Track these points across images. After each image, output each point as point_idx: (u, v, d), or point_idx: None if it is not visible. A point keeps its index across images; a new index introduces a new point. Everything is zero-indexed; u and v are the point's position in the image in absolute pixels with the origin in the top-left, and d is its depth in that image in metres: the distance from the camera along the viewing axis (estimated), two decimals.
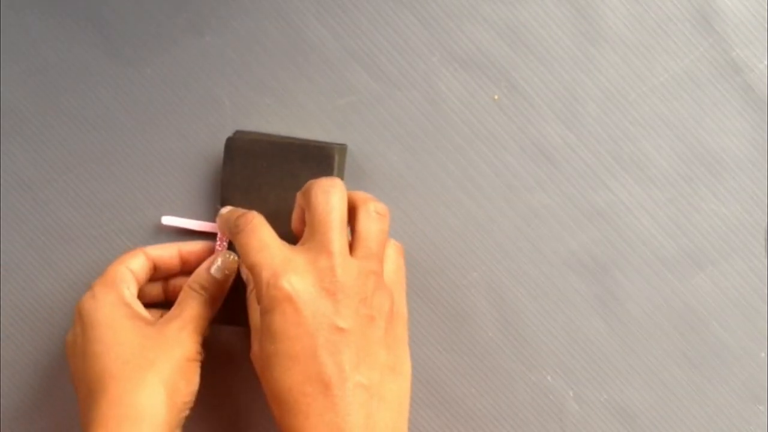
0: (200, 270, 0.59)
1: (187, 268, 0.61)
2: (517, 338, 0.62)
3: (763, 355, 0.61)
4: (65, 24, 0.63)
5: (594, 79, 0.62)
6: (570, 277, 0.62)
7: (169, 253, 0.60)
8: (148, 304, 0.60)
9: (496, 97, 0.62)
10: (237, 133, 0.62)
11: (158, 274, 0.61)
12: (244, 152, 0.60)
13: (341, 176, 0.61)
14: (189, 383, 0.55)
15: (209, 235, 0.62)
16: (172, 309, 0.58)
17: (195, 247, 0.61)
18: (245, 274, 0.55)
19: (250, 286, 0.54)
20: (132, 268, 0.59)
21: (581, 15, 0.61)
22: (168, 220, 0.63)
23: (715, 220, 0.61)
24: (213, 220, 0.62)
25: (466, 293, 0.62)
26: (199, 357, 0.56)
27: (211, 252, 0.61)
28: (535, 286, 0.62)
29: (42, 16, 0.63)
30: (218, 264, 0.58)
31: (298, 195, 0.56)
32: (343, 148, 0.61)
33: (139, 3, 0.63)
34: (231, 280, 0.59)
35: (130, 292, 0.58)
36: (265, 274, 0.52)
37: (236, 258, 0.59)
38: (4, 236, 0.63)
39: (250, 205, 0.59)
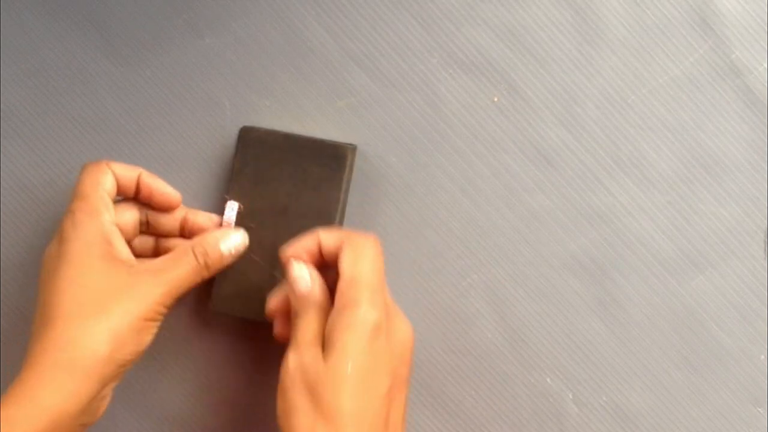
0: (211, 238, 0.57)
1: (184, 233, 0.60)
2: (517, 340, 0.62)
3: (763, 357, 0.61)
4: (65, 25, 0.63)
5: (593, 81, 0.61)
6: (569, 280, 0.62)
7: (130, 174, 0.58)
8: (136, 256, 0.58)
9: (495, 99, 0.62)
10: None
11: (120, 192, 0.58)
12: (258, 143, 0.60)
13: (350, 176, 0.61)
14: (138, 343, 0.53)
15: None
16: (160, 259, 0.56)
17: (199, 217, 0.60)
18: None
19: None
20: (108, 189, 0.56)
21: (580, 17, 0.61)
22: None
23: (714, 223, 0.61)
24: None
25: (466, 295, 0.62)
26: (158, 319, 0.54)
27: (215, 226, 0.60)
28: (535, 288, 0.62)
29: (42, 17, 0.63)
30: (231, 241, 0.57)
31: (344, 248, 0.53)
32: (353, 149, 0.61)
33: (138, 4, 0.63)
34: (230, 261, 0.58)
35: (111, 218, 0.55)
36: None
37: (247, 243, 0.58)
38: (4, 237, 0.63)
39: (258, 197, 0.59)
